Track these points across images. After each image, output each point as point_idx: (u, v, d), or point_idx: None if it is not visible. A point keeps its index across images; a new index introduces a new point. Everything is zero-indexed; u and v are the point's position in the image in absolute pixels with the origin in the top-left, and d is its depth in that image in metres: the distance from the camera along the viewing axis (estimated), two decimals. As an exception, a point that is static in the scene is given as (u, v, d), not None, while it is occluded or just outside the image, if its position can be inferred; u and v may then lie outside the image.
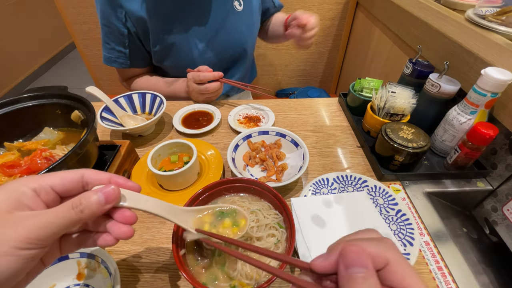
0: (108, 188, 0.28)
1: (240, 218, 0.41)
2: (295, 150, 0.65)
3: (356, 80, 0.80)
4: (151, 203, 0.33)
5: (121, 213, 0.30)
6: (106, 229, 0.30)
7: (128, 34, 0.79)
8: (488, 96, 0.54)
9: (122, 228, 0.29)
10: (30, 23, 2.66)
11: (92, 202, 0.27)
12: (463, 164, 0.60)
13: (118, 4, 0.74)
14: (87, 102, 0.52)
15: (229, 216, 0.41)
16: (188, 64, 0.83)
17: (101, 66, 1.64)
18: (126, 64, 0.85)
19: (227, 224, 0.40)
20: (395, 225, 0.51)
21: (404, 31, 0.97)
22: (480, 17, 0.68)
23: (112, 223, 0.30)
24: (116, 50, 0.82)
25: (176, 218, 0.35)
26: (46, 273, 0.40)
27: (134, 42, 0.81)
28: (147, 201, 0.32)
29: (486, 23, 0.66)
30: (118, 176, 0.31)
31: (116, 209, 0.30)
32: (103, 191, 0.28)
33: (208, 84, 0.77)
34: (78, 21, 1.45)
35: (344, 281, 0.19)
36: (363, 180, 0.58)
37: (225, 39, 0.86)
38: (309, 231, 0.48)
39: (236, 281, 0.39)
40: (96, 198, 0.27)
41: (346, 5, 1.49)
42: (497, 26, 0.64)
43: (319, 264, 0.21)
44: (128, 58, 0.84)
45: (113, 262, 0.40)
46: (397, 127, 0.61)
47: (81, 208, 0.26)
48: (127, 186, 0.31)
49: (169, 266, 0.47)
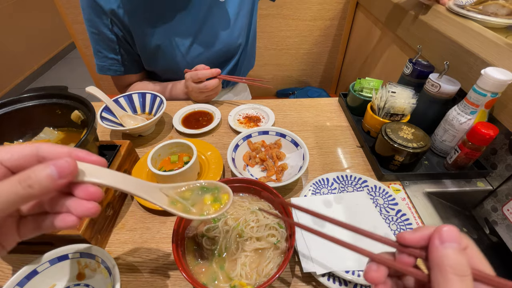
0: (61, 161, 0.24)
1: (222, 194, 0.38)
2: (295, 150, 0.65)
3: (356, 80, 0.80)
4: (118, 177, 0.29)
5: (84, 189, 0.26)
6: (67, 209, 0.26)
7: (117, 39, 0.79)
8: (488, 96, 0.54)
9: (85, 205, 0.26)
10: (30, 23, 2.66)
11: (42, 176, 0.23)
12: (463, 164, 0.60)
13: (102, 10, 0.74)
14: (87, 102, 0.52)
15: (210, 191, 0.38)
16: (179, 65, 0.83)
17: (101, 66, 1.63)
18: (121, 71, 0.84)
19: (208, 200, 0.37)
20: (395, 225, 0.51)
21: (404, 31, 0.97)
22: (460, 7, 0.74)
23: (72, 200, 0.26)
24: (109, 57, 0.82)
25: (148, 195, 0.32)
26: (46, 273, 0.41)
27: (124, 47, 0.81)
28: (113, 175, 0.29)
29: (465, 12, 0.72)
30: (80, 149, 0.28)
31: (78, 185, 0.26)
32: (56, 164, 0.24)
33: (207, 82, 0.76)
34: (78, 21, 1.44)
35: (439, 252, 0.21)
36: (363, 180, 0.58)
37: (211, 33, 0.84)
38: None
39: (236, 281, 0.39)
40: (48, 171, 0.23)
41: (346, 5, 1.49)
42: (474, 15, 0.70)
43: (409, 237, 0.24)
44: (122, 65, 0.83)
45: (113, 262, 0.40)
46: (397, 127, 0.61)
47: (30, 183, 0.23)
48: (90, 160, 0.28)
49: (169, 266, 0.47)
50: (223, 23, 0.85)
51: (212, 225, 0.45)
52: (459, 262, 0.20)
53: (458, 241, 0.21)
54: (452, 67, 0.66)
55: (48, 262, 0.41)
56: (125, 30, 0.78)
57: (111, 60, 0.82)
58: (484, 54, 0.61)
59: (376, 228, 0.49)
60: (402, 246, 0.24)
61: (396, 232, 0.50)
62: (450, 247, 0.21)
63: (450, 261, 0.20)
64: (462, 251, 0.21)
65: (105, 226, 0.50)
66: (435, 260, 0.21)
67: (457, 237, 0.21)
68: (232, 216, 0.46)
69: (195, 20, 0.81)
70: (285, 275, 0.46)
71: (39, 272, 0.40)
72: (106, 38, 0.78)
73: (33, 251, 0.48)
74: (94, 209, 0.26)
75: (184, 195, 0.36)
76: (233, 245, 0.43)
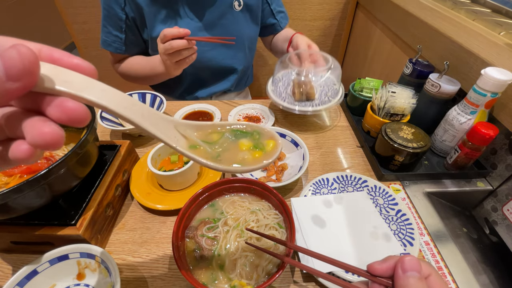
0: (12, 51, 0.15)
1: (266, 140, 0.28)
2: (295, 150, 0.65)
3: (356, 80, 0.80)
4: (109, 93, 0.20)
5: (58, 103, 0.18)
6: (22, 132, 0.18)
7: (125, 19, 0.80)
8: (488, 96, 0.54)
9: (40, 128, 0.17)
10: (30, 23, 2.66)
11: None
12: (463, 164, 0.60)
13: None
14: (87, 102, 0.52)
15: (248, 136, 0.28)
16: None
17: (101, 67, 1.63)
18: (121, 50, 0.85)
19: (245, 146, 0.27)
20: (395, 225, 0.51)
21: (404, 31, 0.97)
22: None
23: (29, 121, 0.18)
24: (113, 34, 0.83)
25: (157, 129, 0.23)
26: (46, 273, 0.41)
27: (131, 28, 0.82)
28: (103, 90, 0.20)
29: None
30: (56, 49, 0.20)
31: (51, 99, 0.18)
32: (3, 54, 0.15)
33: (172, 41, 0.67)
34: (78, 21, 1.44)
35: (401, 281, 0.23)
36: (363, 180, 0.58)
37: (219, 35, 0.86)
38: (309, 231, 0.48)
39: (236, 281, 0.39)
40: None
41: (346, 5, 1.49)
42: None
43: (377, 267, 0.26)
44: (124, 44, 0.85)
45: (113, 262, 0.40)
46: (397, 127, 0.61)
47: None
48: (69, 62, 0.19)
49: (169, 266, 0.47)
50: (234, 30, 0.87)
51: (212, 225, 0.45)
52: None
53: (419, 270, 0.23)
54: (452, 67, 0.66)
55: (48, 262, 0.41)
56: (138, 12, 0.78)
57: (114, 37, 0.83)
58: (484, 54, 0.61)
59: (376, 228, 0.49)
60: (372, 276, 0.26)
61: (396, 232, 0.50)
62: (411, 276, 0.23)
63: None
64: (422, 279, 0.23)
65: (105, 226, 0.50)
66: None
67: (417, 266, 0.24)
68: (232, 216, 0.46)
69: (208, 19, 0.83)
70: (285, 275, 0.46)
71: (39, 272, 0.40)
72: (114, 15, 0.79)
73: (33, 251, 0.48)
74: (50, 135, 0.17)
75: (209, 138, 0.26)
76: (233, 245, 0.43)
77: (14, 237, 0.45)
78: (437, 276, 0.24)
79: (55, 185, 0.40)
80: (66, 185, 0.43)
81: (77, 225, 0.43)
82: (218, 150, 0.26)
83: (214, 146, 0.26)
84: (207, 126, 0.27)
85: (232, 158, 0.26)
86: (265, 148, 0.27)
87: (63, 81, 0.18)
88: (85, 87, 0.18)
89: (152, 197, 0.55)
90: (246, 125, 0.28)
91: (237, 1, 0.85)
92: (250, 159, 0.26)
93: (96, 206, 0.47)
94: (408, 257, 0.24)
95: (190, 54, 0.71)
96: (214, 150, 0.26)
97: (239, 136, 0.27)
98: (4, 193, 0.34)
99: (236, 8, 0.85)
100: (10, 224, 0.44)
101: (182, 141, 0.24)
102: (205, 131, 0.27)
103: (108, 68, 1.63)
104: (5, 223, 0.44)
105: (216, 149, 0.26)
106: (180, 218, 0.43)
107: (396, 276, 0.24)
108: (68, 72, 0.19)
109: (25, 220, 0.44)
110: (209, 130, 0.27)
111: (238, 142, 0.27)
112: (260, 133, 0.28)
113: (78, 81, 0.19)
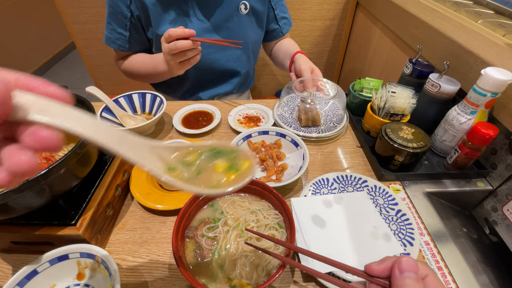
0: None
1: (242, 160, 0.28)
2: (295, 150, 0.65)
3: (356, 80, 0.80)
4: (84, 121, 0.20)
5: (32, 132, 0.18)
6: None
7: (130, 17, 0.80)
8: (488, 96, 0.54)
9: (17, 156, 0.18)
10: (30, 23, 2.66)
11: None
12: (463, 164, 0.60)
13: None
14: (87, 102, 0.52)
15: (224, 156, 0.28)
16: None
17: (101, 66, 1.63)
18: (125, 48, 0.86)
19: (220, 167, 0.27)
20: (395, 225, 0.51)
21: (404, 31, 0.97)
22: None
23: (7, 149, 0.18)
24: (117, 31, 0.83)
25: (134, 153, 0.23)
26: (46, 273, 0.41)
27: (135, 26, 0.82)
28: (78, 117, 0.20)
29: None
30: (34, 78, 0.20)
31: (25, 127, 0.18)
32: None
33: (177, 41, 0.67)
34: (78, 21, 1.44)
35: (398, 282, 0.23)
36: (363, 180, 0.58)
37: (224, 38, 0.86)
38: (309, 231, 0.48)
39: (236, 281, 0.39)
40: None
41: (346, 5, 1.49)
42: None
43: (375, 268, 0.26)
44: (127, 42, 0.85)
45: (113, 262, 0.40)
46: (397, 127, 0.61)
47: None
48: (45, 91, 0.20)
49: (169, 266, 0.47)
50: (239, 33, 0.88)
51: (212, 225, 0.45)
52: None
53: (415, 270, 0.23)
54: (452, 67, 0.66)
55: (48, 262, 0.41)
56: (143, 10, 0.78)
57: (118, 34, 0.83)
58: (484, 54, 0.61)
59: (376, 228, 0.49)
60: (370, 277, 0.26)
61: (396, 232, 0.50)
62: (408, 276, 0.23)
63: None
64: (418, 280, 0.23)
65: (105, 226, 0.50)
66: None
67: (414, 267, 0.24)
68: (232, 216, 0.46)
69: (214, 21, 0.83)
70: (285, 275, 0.46)
71: (39, 272, 0.40)
72: (119, 12, 0.79)
73: (33, 251, 0.48)
74: (27, 164, 0.18)
75: (186, 160, 0.27)
76: (233, 245, 0.43)
77: (14, 237, 0.45)
78: (434, 277, 0.25)
79: (55, 185, 0.40)
80: (66, 185, 0.43)
81: (77, 225, 0.43)
82: (194, 172, 0.26)
83: (191, 167, 0.27)
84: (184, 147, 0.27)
85: (207, 179, 0.26)
86: (241, 168, 0.28)
87: (38, 110, 0.18)
88: (60, 115, 0.19)
89: (152, 197, 0.55)
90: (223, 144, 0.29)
91: (244, 5, 0.85)
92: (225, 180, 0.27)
93: (96, 206, 0.47)
94: (405, 258, 0.24)
95: (194, 54, 0.71)
96: (190, 172, 0.26)
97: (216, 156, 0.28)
98: (4, 193, 0.35)
99: (243, 11, 0.85)
100: (10, 224, 0.44)
101: (159, 164, 0.25)
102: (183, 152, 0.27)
103: (107, 67, 1.63)
104: (5, 223, 0.44)
105: (193, 170, 0.26)
106: (180, 218, 0.43)
107: (393, 277, 0.24)
108: (44, 101, 0.19)
109: (25, 220, 0.44)
110: (186, 151, 0.27)
111: (214, 163, 0.28)
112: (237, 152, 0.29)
113: (53, 109, 0.19)
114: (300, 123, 0.76)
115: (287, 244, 0.37)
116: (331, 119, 0.77)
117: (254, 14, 0.88)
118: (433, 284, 0.24)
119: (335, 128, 0.74)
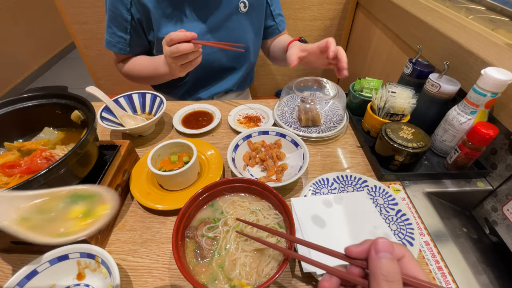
0: None
1: (100, 204, 0.28)
2: (295, 150, 0.65)
3: (356, 80, 0.80)
4: None
5: None
6: None
7: (131, 20, 0.80)
8: (488, 96, 0.54)
9: None
10: (30, 23, 2.66)
11: None
12: (463, 164, 0.60)
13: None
14: (87, 102, 0.52)
15: (84, 200, 0.28)
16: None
17: (101, 66, 1.63)
18: (125, 51, 0.86)
19: (76, 213, 0.27)
20: (395, 225, 0.51)
21: (404, 31, 0.97)
22: None
23: None
24: (117, 35, 0.83)
25: None
26: (46, 273, 0.41)
27: (136, 29, 0.82)
28: None
29: None
30: None
31: None
32: None
33: (179, 44, 0.68)
34: (78, 21, 1.44)
35: (374, 262, 0.24)
36: (363, 180, 0.58)
37: (224, 38, 0.86)
38: (309, 231, 0.48)
39: (236, 281, 0.39)
40: None
41: (346, 5, 1.49)
42: None
43: (354, 250, 0.27)
44: (128, 45, 0.85)
45: (113, 262, 0.40)
46: (397, 127, 0.61)
47: None
48: None
49: (169, 266, 0.47)
50: (239, 32, 0.88)
51: (212, 225, 0.45)
52: (390, 270, 0.23)
53: (390, 251, 0.24)
54: (452, 67, 0.66)
55: (48, 262, 0.41)
56: (144, 13, 0.78)
57: (119, 38, 0.83)
58: (484, 54, 0.61)
59: (376, 228, 0.49)
60: (350, 258, 0.27)
61: (396, 232, 0.50)
62: (383, 256, 0.24)
63: (382, 269, 0.24)
64: (393, 260, 0.24)
65: (105, 226, 0.50)
66: (371, 268, 0.24)
67: (389, 247, 0.24)
68: (232, 216, 0.46)
69: (214, 22, 0.83)
70: (285, 275, 0.46)
71: (39, 272, 0.40)
72: (120, 16, 0.79)
73: (33, 251, 0.48)
74: None
75: (45, 206, 0.27)
76: (233, 245, 0.43)
77: (14, 237, 0.45)
78: (410, 258, 0.26)
79: (55, 185, 0.40)
80: (66, 185, 0.43)
81: (77, 225, 0.43)
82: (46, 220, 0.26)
83: (48, 214, 0.26)
84: (45, 194, 0.27)
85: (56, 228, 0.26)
86: (96, 213, 0.27)
87: None
88: None
89: (152, 197, 0.55)
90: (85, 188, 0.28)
91: (243, 3, 0.85)
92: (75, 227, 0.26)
93: (96, 206, 0.47)
94: (381, 239, 0.25)
95: (196, 57, 0.71)
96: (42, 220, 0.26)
97: (76, 201, 0.28)
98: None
99: (242, 9, 0.85)
100: (10, 224, 0.44)
101: (12, 215, 0.24)
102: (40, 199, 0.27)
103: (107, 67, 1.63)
104: (5, 223, 0.44)
105: (45, 218, 0.26)
106: (180, 218, 0.43)
107: (370, 258, 0.25)
108: None
109: (25, 220, 0.44)
110: (47, 199, 0.27)
111: (71, 208, 0.27)
112: (97, 196, 0.29)
113: None
114: (300, 123, 0.76)
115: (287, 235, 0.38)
116: (331, 119, 0.77)
117: (253, 11, 0.88)
118: (410, 265, 0.25)
119: (335, 128, 0.74)
